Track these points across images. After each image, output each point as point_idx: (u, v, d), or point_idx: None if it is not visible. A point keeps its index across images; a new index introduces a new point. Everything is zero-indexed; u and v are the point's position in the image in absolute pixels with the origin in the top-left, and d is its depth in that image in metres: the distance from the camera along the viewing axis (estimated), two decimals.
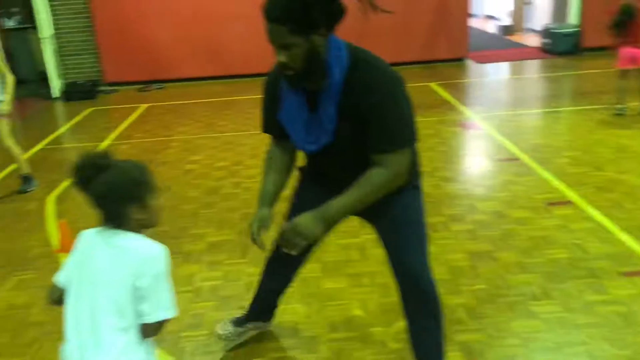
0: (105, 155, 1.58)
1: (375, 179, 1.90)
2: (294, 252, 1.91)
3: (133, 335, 1.57)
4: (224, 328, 2.62)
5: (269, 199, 2.16)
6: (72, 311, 1.60)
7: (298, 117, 1.99)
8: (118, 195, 1.55)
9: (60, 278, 1.68)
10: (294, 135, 2.05)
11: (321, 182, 2.19)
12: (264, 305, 2.65)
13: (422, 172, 2.22)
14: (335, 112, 1.90)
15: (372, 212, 2.07)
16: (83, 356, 1.55)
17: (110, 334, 1.54)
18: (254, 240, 2.10)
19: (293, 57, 1.80)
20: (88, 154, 1.58)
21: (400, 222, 2.13)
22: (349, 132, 1.92)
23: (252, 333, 2.69)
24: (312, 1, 1.71)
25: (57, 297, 1.69)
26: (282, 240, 1.90)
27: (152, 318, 1.58)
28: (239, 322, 2.65)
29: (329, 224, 1.92)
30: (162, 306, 1.58)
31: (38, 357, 2.69)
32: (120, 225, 1.58)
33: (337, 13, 1.80)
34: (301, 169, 2.34)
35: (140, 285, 1.54)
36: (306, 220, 1.88)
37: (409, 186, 2.08)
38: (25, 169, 4.88)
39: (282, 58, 1.82)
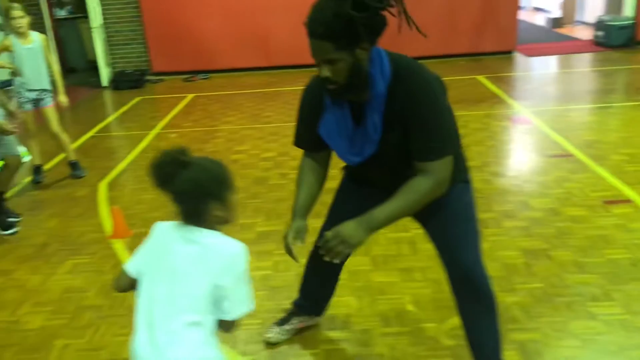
0: (184, 152, 1.58)
1: (419, 187, 1.89)
2: (336, 260, 1.90)
3: (207, 330, 1.57)
4: (270, 332, 2.64)
5: (302, 211, 2.14)
6: (145, 303, 1.59)
7: (341, 129, 1.99)
8: (200, 193, 1.55)
9: (131, 267, 1.68)
10: (337, 148, 2.05)
11: (363, 186, 2.21)
12: (309, 300, 2.65)
13: (471, 166, 2.18)
14: (381, 123, 1.90)
15: (422, 209, 2.03)
16: (155, 349, 1.54)
17: (185, 329, 1.53)
18: (290, 252, 2.09)
19: (337, 72, 1.80)
20: (167, 151, 1.57)
21: (449, 219, 2.10)
22: (393, 141, 1.92)
23: (301, 326, 2.68)
24: (357, 17, 1.70)
25: (125, 285, 1.70)
26: (325, 248, 1.88)
27: (232, 315, 1.59)
28: (282, 321, 2.66)
29: (372, 232, 1.91)
30: (242, 303, 1.59)
31: (95, 339, 2.75)
32: (199, 221, 1.58)
33: (379, 26, 1.79)
34: (345, 168, 2.33)
35: (222, 284, 1.54)
36: (350, 227, 1.86)
37: (458, 181, 2.06)
38: (73, 156, 5.00)
39: (326, 73, 1.82)
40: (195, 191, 1.54)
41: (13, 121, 4.45)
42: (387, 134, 1.91)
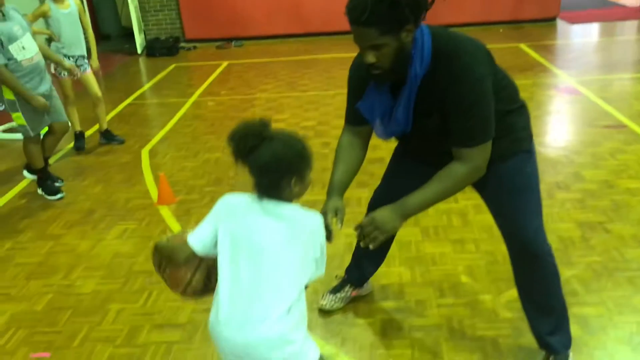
0: (266, 124, 1.52)
1: (454, 174, 1.86)
2: (371, 246, 1.89)
3: (301, 304, 1.54)
4: (325, 299, 2.63)
5: (338, 189, 2.07)
6: (231, 280, 1.53)
7: (379, 107, 1.95)
8: (283, 168, 1.51)
9: (196, 242, 1.60)
10: (374, 125, 2.03)
11: (411, 158, 2.19)
12: (360, 270, 2.62)
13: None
14: (414, 104, 1.86)
15: (481, 180, 1.98)
16: (244, 326, 1.50)
17: (281, 306, 1.49)
18: (328, 234, 1.99)
19: (382, 57, 1.75)
20: (249, 122, 1.52)
21: (510, 190, 2.03)
22: (431, 122, 1.88)
23: (354, 294, 2.65)
24: None
25: (185, 258, 1.62)
26: (361, 234, 1.89)
27: (310, 279, 1.58)
28: (336, 289, 2.65)
29: (407, 218, 1.89)
30: (320, 269, 1.60)
31: (149, 304, 2.76)
32: (276, 195, 1.54)
33: (423, 5, 1.71)
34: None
35: (311, 256, 1.54)
36: (384, 215, 1.87)
37: (519, 151, 2.00)
38: (105, 125, 5.01)
39: (371, 59, 1.76)
40: (279, 166, 1.50)
41: (72, 77, 4.48)
42: (425, 115, 1.87)
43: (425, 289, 2.74)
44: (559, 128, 4.90)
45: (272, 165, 1.50)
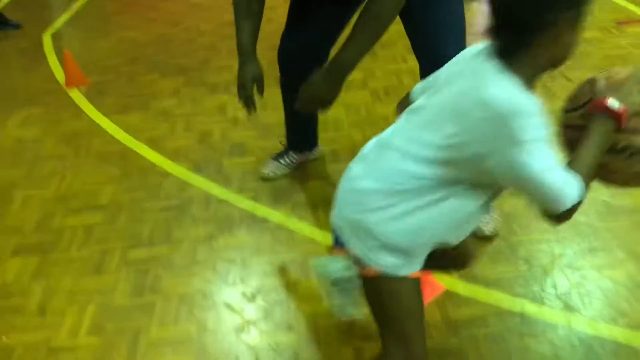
0: None
1: (378, 11, 1.56)
2: (323, 112, 1.77)
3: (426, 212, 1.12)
4: (266, 167, 2.34)
5: (252, 50, 1.86)
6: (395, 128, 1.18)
7: None
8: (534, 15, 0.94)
9: (415, 90, 1.28)
10: None
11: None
12: (299, 133, 2.34)
13: None
14: None
15: None
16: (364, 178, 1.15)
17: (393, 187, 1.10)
18: (249, 105, 1.86)
19: None
20: None
21: (431, 8, 1.77)
22: None
23: (299, 160, 2.36)
24: None
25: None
26: (299, 106, 1.72)
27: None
28: (278, 156, 2.36)
29: (346, 77, 1.64)
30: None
31: (63, 189, 2.35)
32: (514, 55, 0.98)
33: None
34: None
35: (472, 152, 1.02)
36: (319, 84, 1.65)
37: None
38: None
39: None
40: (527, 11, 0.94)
41: None
42: None
43: None
44: None
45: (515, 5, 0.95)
